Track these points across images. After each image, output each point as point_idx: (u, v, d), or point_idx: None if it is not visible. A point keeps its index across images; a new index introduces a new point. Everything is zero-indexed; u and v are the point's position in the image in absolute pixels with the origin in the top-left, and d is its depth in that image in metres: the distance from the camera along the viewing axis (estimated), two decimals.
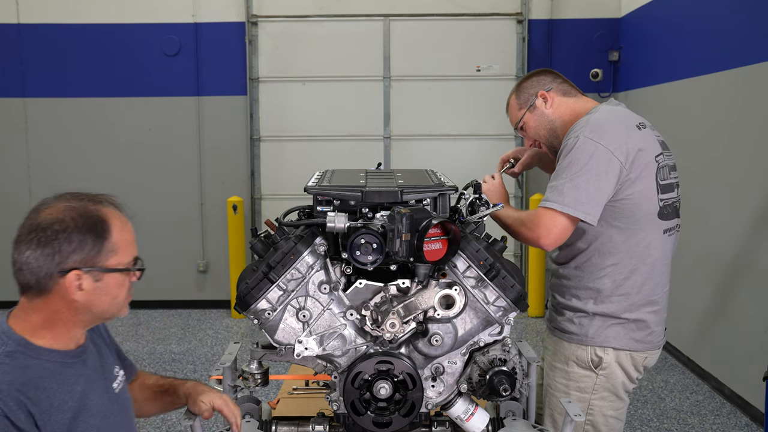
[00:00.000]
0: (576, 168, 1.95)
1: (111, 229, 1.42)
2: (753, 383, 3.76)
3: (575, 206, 1.95)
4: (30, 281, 1.37)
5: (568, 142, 2.01)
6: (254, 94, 6.17)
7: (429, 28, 6.11)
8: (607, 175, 1.95)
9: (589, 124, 2.01)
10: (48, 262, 1.35)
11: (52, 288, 1.37)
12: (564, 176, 1.97)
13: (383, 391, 1.71)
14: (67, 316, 1.41)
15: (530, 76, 2.26)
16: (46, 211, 1.38)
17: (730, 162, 4.14)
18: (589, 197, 1.94)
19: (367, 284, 1.72)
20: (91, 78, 6.15)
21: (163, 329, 5.73)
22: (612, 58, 5.98)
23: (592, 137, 1.97)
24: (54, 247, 1.35)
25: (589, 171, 1.94)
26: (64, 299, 1.39)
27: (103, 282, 1.40)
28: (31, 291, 1.38)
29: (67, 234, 1.36)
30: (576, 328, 2.10)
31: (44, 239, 1.35)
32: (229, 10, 6.11)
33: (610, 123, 2.03)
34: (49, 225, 1.36)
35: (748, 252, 3.96)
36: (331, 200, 1.75)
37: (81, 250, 1.37)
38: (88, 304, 1.41)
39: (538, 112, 2.20)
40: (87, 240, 1.37)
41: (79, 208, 1.40)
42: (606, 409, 2.12)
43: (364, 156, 6.07)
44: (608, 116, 2.07)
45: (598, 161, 1.95)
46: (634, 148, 1.99)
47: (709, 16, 4.43)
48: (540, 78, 2.23)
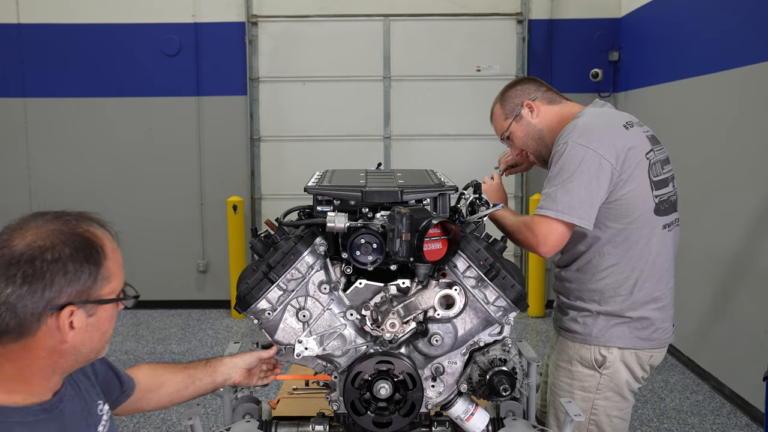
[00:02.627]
0: (567, 174, 1.96)
1: (106, 253, 1.20)
2: (753, 383, 3.76)
3: (569, 212, 1.95)
4: (9, 324, 1.12)
5: (558, 148, 2.02)
6: (254, 94, 6.17)
7: (429, 28, 6.11)
8: (599, 179, 1.96)
9: (577, 128, 2.01)
10: (37, 299, 1.12)
11: (36, 330, 1.14)
12: (556, 183, 1.98)
13: (383, 391, 1.71)
14: (48, 363, 1.18)
15: (514, 85, 2.26)
16: (25, 238, 1.14)
17: (730, 162, 4.14)
18: (582, 202, 1.95)
19: (367, 284, 1.72)
20: (91, 78, 6.15)
21: (163, 329, 5.73)
22: (612, 58, 5.98)
23: (580, 142, 1.97)
24: (45, 281, 1.12)
25: (580, 176, 1.95)
26: (50, 342, 1.16)
27: (95, 316, 1.19)
28: (9, 336, 1.13)
29: (62, 264, 1.13)
30: (580, 327, 2.11)
31: (32, 272, 1.11)
32: (229, 10, 6.11)
33: (597, 126, 2.03)
34: (38, 255, 1.12)
35: (748, 252, 3.96)
36: (331, 200, 1.75)
37: (77, 282, 1.15)
38: (78, 345, 1.18)
39: (525, 122, 2.21)
40: (83, 269, 1.16)
41: (66, 231, 1.17)
42: (610, 409, 2.12)
43: (364, 156, 6.07)
44: (595, 119, 2.07)
45: (588, 166, 1.95)
46: (623, 148, 1.99)
47: (709, 16, 4.43)
48: (524, 87, 2.23)
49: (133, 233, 5.99)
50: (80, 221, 1.21)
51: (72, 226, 1.19)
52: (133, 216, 6.06)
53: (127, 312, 5.95)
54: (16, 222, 1.18)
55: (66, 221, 1.19)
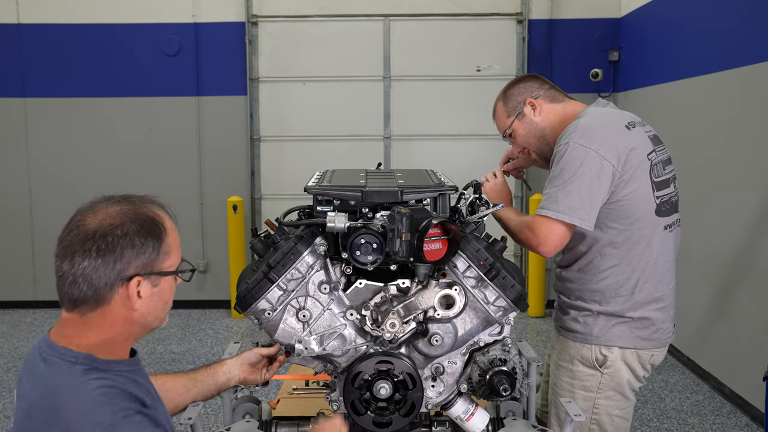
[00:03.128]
0: (568, 175, 1.96)
1: (166, 230, 1.35)
2: (753, 383, 3.76)
3: (570, 213, 1.95)
4: (87, 294, 1.27)
5: (559, 149, 2.02)
6: (254, 94, 6.17)
7: (429, 28, 6.11)
8: (600, 180, 1.96)
9: (578, 129, 2.01)
10: (109, 270, 1.26)
11: (110, 300, 1.28)
12: (557, 183, 1.98)
13: (383, 391, 1.71)
14: (123, 329, 1.32)
15: (516, 82, 2.25)
16: (97, 217, 1.29)
17: (730, 162, 4.14)
18: (583, 203, 1.95)
19: (367, 284, 1.72)
20: (91, 78, 6.15)
21: (162, 329, 5.73)
22: (612, 58, 5.98)
23: (582, 143, 1.97)
24: (116, 254, 1.27)
25: (581, 177, 1.95)
26: (122, 310, 1.30)
27: (159, 287, 1.34)
28: (87, 305, 1.28)
29: (129, 239, 1.28)
30: (581, 327, 2.11)
31: (104, 246, 1.26)
32: (229, 10, 6.11)
33: (599, 126, 2.03)
34: (109, 231, 1.27)
35: (748, 252, 3.96)
36: (331, 200, 1.75)
37: (143, 255, 1.29)
38: (145, 313, 1.32)
39: (527, 120, 2.20)
40: (148, 243, 1.30)
41: (132, 211, 1.32)
42: (611, 409, 2.12)
43: (364, 156, 6.07)
44: (597, 120, 2.06)
45: (589, 167, 1.95)
46: (625, 149, 1.99)
47: (709, 17, 4.43)
48: (527, 84, 2.22)
49: None
50: (144, 202, 1.36)
51: (137, 206, 1.34)
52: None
53: None
54: (87, 205, 1.34)
55: (131, 202, 1.34)
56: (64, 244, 1.28)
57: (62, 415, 1.20)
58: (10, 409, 4.13)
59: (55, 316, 6.05)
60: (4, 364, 4.93)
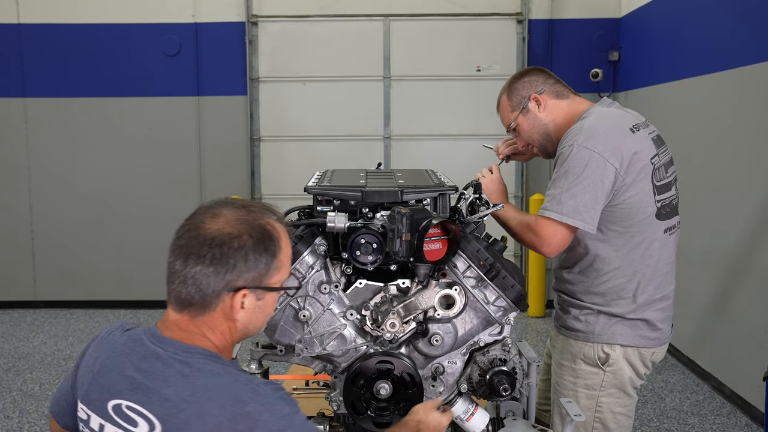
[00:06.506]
0: (572, 177, 1.97)
1: (281, 246, 1.35)
2: (753, 383, 3.76)
3: (573, 215, 1.96)
4: (194, 297, 1.29)
5: (563, 150, 2.02)
6: (254, 94, 6.17)
7: (429, 28, 6.11)
8: (603, 183, 1.97)
9: (583, 131, 2.01)
10: (219, 279, 1.28)
11: (215, 306, 1.30)
12: (561, 185, 1.98)
13: (383, 391, 1.72)
14: (230, 336, 1.35)
15: (521, 75, 2.24)
16: (217, 222, 1.30)
17: (730, 162, 4.14)
18: (586, 206, 1.96)
19: (367, 284, 1.73)
20: (91, 78, 6.15)
21: None
22: (612, 58, 5.98)
23: (586, 145, 1.97)
24: (229, 265, 1.28)
25: (585, 180, 1.96)
26: (225, 318, 1.32)
27: (263, 300, 1.34)
28: (193, 307, 1.30)
29: (244, 252, 1.28)
30: (582, 325, 2.11)
31: (219, 256, 1.27)
32: (229, 10, 6.11)
33: (604, 129, 2.02)
34: (226, 241, 1.28)
35: (748, 252, 3.96)
36: (331, 200, 1.75)
37: (254, 269, 1.30)
38: (246, 323, 1.34)
39: (531, 116, 2.20)
40: (261, 259, 1.30)
41: (251, 222, 1.31)
42: (614, 406, 2.12)
43: (364, 156, 6.07)
44: (601, 121, 2.06)
45: (593, 170, 1.96)
46: (628, 152, 1.99)
47: (708, 17, 4.44)
48: (532, 79, 2.21)
49: (133, 233, 5.98)
50: (264, 213, 1.35)
51: (256, 216, 1.33)
52: (133, 216, 6.06)
53: (128, 312, 5.97)
54: (208, 204, 1.35)
55: (252, 211, 1.34)
56: (180, 243, 1.31)
57: (245, 408, 1.22)
58: (11, 409, 4.14)
59: (55, 316, 6.06)
60: (4, 364, 4.92)
